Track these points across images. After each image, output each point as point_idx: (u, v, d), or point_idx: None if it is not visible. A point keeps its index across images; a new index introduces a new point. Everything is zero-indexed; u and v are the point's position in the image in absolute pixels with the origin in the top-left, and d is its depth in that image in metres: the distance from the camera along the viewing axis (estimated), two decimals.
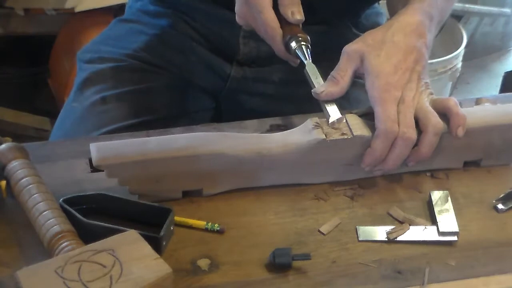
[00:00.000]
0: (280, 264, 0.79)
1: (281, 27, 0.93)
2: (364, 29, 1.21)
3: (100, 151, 0.83)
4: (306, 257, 0.79)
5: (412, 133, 0.86)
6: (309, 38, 0.93)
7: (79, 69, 1.22)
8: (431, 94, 0.91)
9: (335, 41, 1.18)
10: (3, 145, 0.87)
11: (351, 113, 0.91)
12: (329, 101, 0.89)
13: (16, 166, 0.84)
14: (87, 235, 0.77)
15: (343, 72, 0.90)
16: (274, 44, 0.94)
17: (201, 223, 0.84)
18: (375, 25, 1.23)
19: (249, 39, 1.15)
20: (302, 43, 0.93)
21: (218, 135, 0.88)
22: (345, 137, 0.87)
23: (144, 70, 1.16)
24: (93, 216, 0.81)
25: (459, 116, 0.88)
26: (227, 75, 1.19)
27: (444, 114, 0.89)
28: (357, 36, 1.20)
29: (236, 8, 0.95)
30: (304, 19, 0.93)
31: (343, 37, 1.20)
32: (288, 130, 0.90)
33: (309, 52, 0.93)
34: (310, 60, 0.92)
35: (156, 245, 0.77)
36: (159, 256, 0.73)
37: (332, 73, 0.91)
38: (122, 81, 1.14)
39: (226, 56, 1.18)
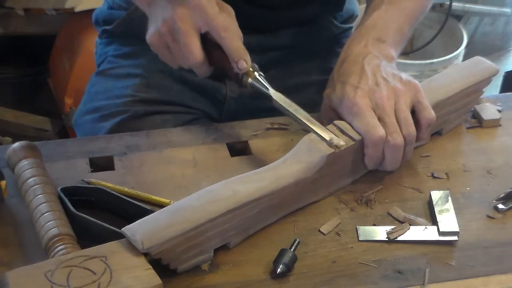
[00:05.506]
0: (281, 274, 0.78)
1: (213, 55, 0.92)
2: (341, 19, 1.22)
3: (144, 239, 0.73)
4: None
5: (397, 137, 0.87)
6: (256, 65, 0.93)
7: (79, 133, 1.17)
8: (397, 74, 0.92)
9: (320, 36, 1.19)
10: (16, 144, 0.86)
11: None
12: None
13: (26, 165, 0.84)
14: (77, 227, 0.77)
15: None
16: (201, 68, 0.93)
17: None
18: (350, 12, 1.23)
19: None
20: (256, 74, 0.92)
21: (229, 183, 0.81)
22: (351, 143, 0.87)
23: (147, 114, 1.11)
24: (91, 209, 0.80)
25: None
26: (223, 97, 1.15)
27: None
28: (340, 28, 1.21)
29: (150, 34, 0.94)
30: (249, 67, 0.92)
31: (328, 31, 1.20)
32: (286, 156, 0.86)
33: (265, 81, 0.92)
34: (271, 90, 0.92)
35: None
36: (151, 267, 0.72)
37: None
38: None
39: (219, 75, 1.12)
